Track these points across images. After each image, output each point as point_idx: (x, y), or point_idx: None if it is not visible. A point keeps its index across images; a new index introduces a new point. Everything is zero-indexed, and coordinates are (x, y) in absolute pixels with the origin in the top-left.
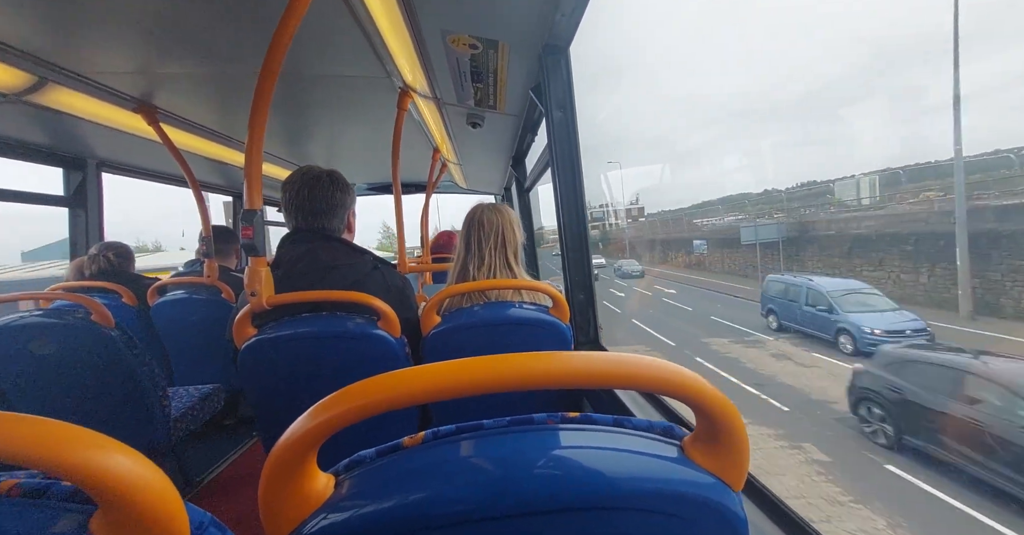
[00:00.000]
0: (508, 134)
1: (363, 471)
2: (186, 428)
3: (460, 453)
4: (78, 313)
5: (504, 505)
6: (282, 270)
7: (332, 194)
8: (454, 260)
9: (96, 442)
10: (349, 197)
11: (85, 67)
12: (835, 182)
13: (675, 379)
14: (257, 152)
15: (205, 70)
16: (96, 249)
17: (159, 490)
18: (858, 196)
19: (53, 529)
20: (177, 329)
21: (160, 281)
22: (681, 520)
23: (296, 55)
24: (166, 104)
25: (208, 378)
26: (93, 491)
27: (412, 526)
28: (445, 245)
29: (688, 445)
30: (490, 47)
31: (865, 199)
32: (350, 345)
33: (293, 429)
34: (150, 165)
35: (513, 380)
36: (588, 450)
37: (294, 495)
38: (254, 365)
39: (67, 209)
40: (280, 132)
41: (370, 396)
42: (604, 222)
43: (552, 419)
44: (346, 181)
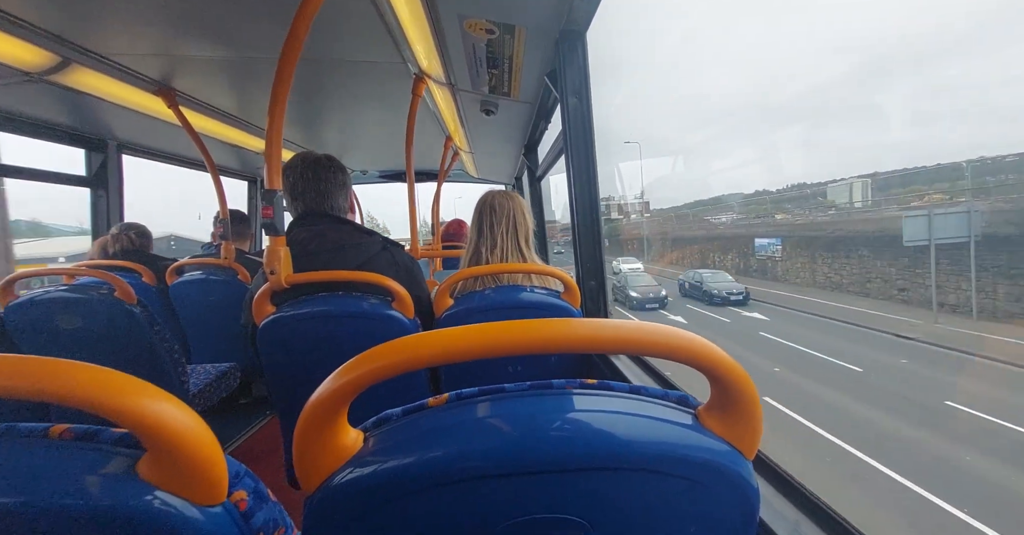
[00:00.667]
0: (521, 122)
1: (390, 428)
2: (204, 404)
3: (482, 413)
4: (102, 289)
5: (523, 462)
6: (294, 251)
7: (333, 175)
8: (466, 246)
9: (148, 391)
10: (348, 178)
11: (107, 48)
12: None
13: (690, 346)
14: (277, 134)
15: (224, 55)
16: (117, 229)
17: (203, 439)
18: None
19: (103, 470)
20: (194, 309)
21: (179, 261)
22: (695, 484)
23: (313, 41)
24: (185, 87)
25: (223, 357)
26: (144, 435)
27: (435, 480)
28: (455, 234)
29: (702, 413)
30: (507, 32)
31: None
32: (365, 325)
33: (326, 385)
34: (168, 148)
35: (531, 343)
36: (606, 414)
37: (326, 448)
38: (272, 342)
39: (88, 189)
40: (296, 117)
41: (397, 355)
42: (606, 216)
43: (571, 385)
44: (340, 163)
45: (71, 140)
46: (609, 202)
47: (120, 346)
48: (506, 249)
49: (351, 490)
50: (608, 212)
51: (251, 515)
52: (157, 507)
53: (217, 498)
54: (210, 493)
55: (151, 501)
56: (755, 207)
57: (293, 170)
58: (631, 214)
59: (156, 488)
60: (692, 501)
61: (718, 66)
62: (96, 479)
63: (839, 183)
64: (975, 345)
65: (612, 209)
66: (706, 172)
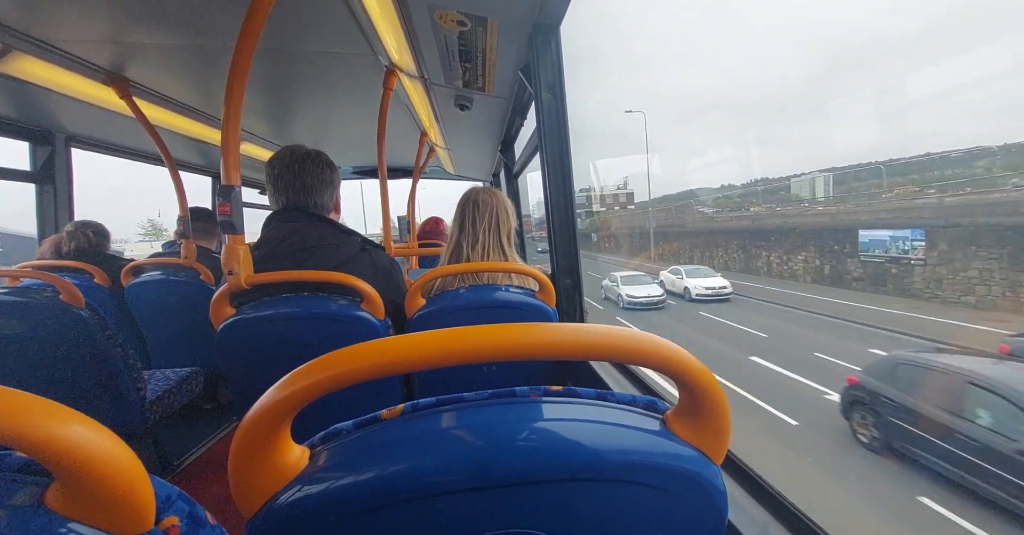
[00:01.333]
0: (497, 117)
1: (340, 443)
2: (162, 411)
3: (440, 425)
4: (46, 292)
5: (484, 476)
6: (266, 249)
7: (321, 171)
8: (446, 244)
9: (51, 411)
10: (336, 176)
11: (51, 35)
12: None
13: (659, 352)
14: (234, 126)
15: (180, 42)
16: (73, 227)
17: (120, 461)
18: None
19: (6, 502)
20: (153, 311)
21: (135, 262)
22: (663, 491)
23: (277, 29)
24: (139, 77)
25: (187, 362)
26: (48, 462)
27: (388, 498)
28: (432, 231)
29: (671, 419)
30: (479, 25)
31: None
32: (332, 326)
33: (265, 398)
34: (124, 141)
35: (495, 350)
36: (571, 423)
37: (266, 467)
38: (232, 345)
39: (34, 185)
40: (261, 111)
41: (345, 365)
42: (586, 208)
43: (535, 392)
44: (332, 161)
45: (14, 132)
46: (590, 193)
47: (68, 352)
48: (488, 246)
49: (296, 511)
50: (588, 204)
51: None
52: None
53: (142, 527)
54: (133, 521)
55: (65, 534)
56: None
57: (278, 162)
58: (614, 206)
59: (68, 520)
60: (660, 509)
61: (689, 65)
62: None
63: (802, 178)
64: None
65: (593, 201)
66: (681, 168)
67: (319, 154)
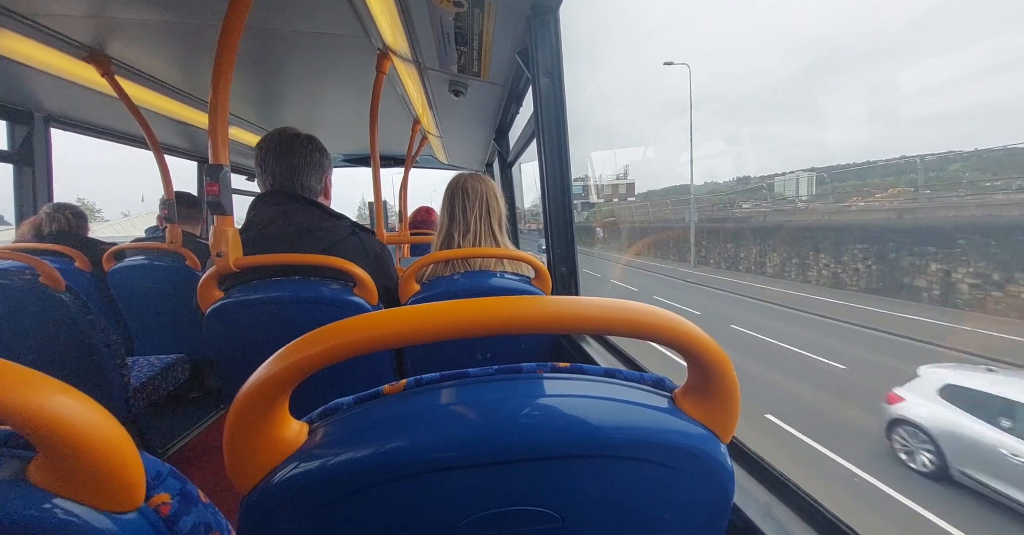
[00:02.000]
0: (492, 104)
1: (339, 418)
2: (147, 398)
3: (443, 401)
4: (25, 274)
5: (489, 452)
6: (253, 232)
7: (311, 153)
8: (436, 232)
9: (34, 381)
10: (327, 160)
11: (28, 8)
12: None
13: (669, 326)
14: (223, 105)
15: (165, 18)
16: (50, 208)
17: (108, 435)
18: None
19: None
20: (137, 297)
21: (117, 246)
22: (671, 469)
23: (265, 8)
24: (121, 54)
25: (172, 348)
26: (31, 435)
27: (390, 473)
28: (424, 221)
29: (679, 396)
30: (475, 6)
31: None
32: (324, 311)
33: (262, 371)
34: (106, 122)
35: (497, 322)
36: (578, 399)
37: (263, 442)
38: (220, 329)
39: (11, 166)
40: (249, 93)
41: (343, 337)
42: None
43: (541, 368)
44: (323, 145)
45: None
46: (586, 182)
47: (48, 336)
48: (479, 233)
49: (293, 487)
50: (585, 195)
51: (176, 520)
52: (57, 516)
53: (132, 503)
54: (122, 498)
55: (49, 509)
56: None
57: (267, 143)
58: (612, 197)
59: (53, 495)
60: (667, 487)
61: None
62: None
63: (786, 177)
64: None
65: (590, 192)
66: (667, 164)
67: (310, 138)
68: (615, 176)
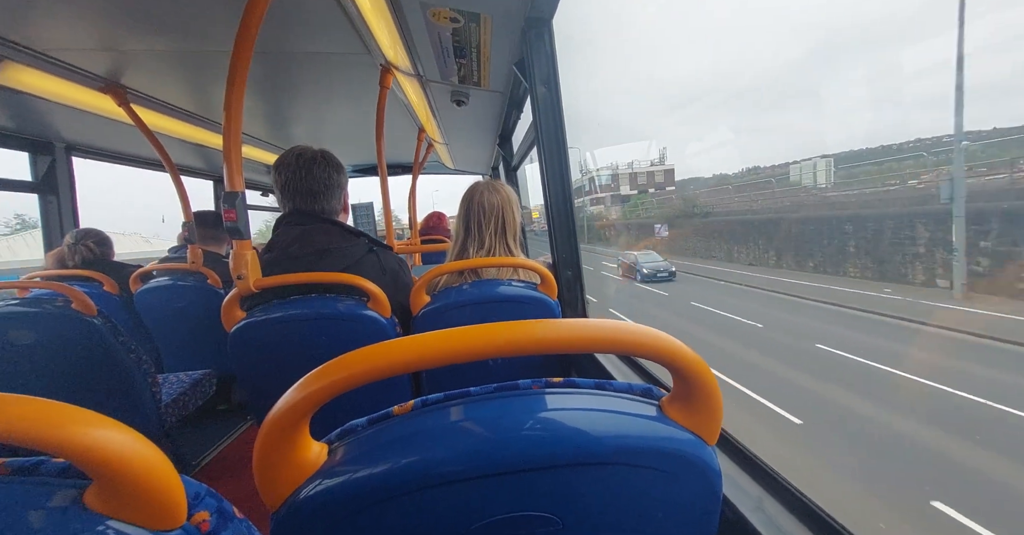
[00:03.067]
0: (494, 112)
1: (355, 438)
2: (178, 414)
3: (449, 418)
4: (57, 301)
5: (492, 464)
6: (275, 253)
7: (328, 175)
8: (452, 240)
9: (85, 418)
10: (344, 177)
11: (45, 44)
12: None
13: (652, 342)
14: (236, 132)
15: (175, 48)
16: (72, 238)
17: (153, 462)
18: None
19: (48, 504)
20: (163, 316)
21: (142, 268)
22: (661, 473)
23: (271, 32)
24: (136, 84)
25: (198, 364)
26: (86, 466)
27: (404, 487)
28: (434, 227)
29: (666, 404)
30: (472, 20)
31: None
32: (341, 326)
33: (285, 399)
34: (124, 149)
35: (497, 347)
36: (572, 412)
37: (288, 463)
38: (245, 347)
39: (37, 196)
40: (259, 113)
41: (357, 366)
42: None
43: (537, 384)
44: (339, 161)
45: (12, 143)
46: (615, 171)
47: (82, 360)
48: (494, 249)
49: (318, 503)
50: (616, 185)
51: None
52: None
53: (176, 522)
54: (167, 517)
55: (103, 531)
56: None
57: (285, 167)
58: (648, 187)
59: (107, 518)
60: (658, 489)
61: (682, 51)
62: (40, 514)
63: (800, 163)
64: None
65: (620, 181)
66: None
67: (325, 157)
68: (649, 163)
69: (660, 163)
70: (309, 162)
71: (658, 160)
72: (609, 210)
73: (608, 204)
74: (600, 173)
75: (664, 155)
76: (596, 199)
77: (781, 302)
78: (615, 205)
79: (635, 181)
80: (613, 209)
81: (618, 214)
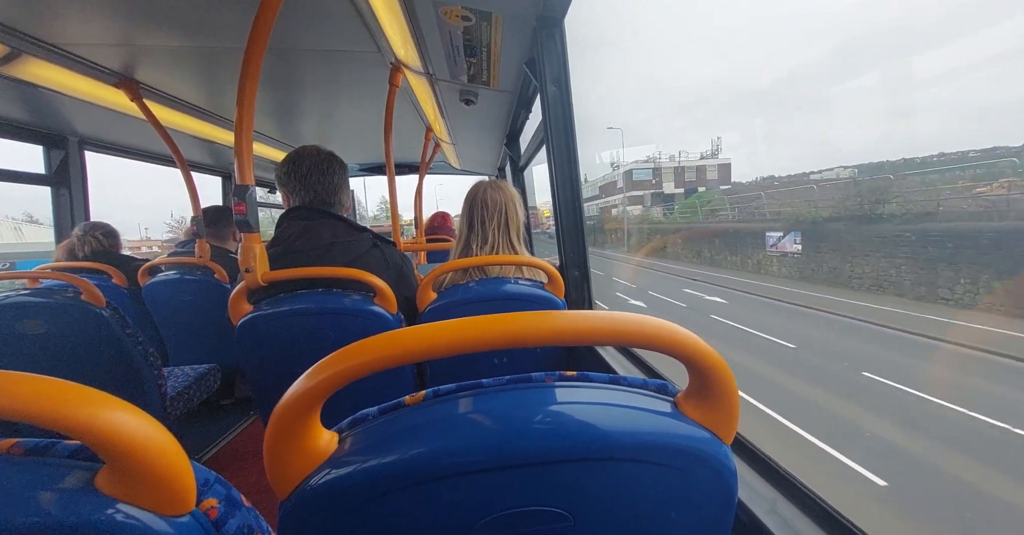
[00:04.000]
0: (502, 111)
1: (366, 428)
2: (183, 407)
3: (461, 410)
4: (67, 292)
5: (503, 457)
6: (281, 247)
7: (333, 172)
8: (456, 238)
9: (100, 400)
10: (346, 175)
11: (61, 38)
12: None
13: (669, 336)
14: (248, 128)
15: (188, 44)
16: (81, 230)
17: (165, 447)
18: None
19: (59, 485)
20: (170, 310)
21: (151, 262)
22: (675, 471)
23: (283, 29)
24: (149, 79)
25: (203, 358)
26: (100, 448)
27: (414, 478)
28: (440, 227)
29: (681, 401)
30: (483, 19)
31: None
32: (347, 321)
33: (296, 387)
34: (135, 143)
35: (509, 337)
36: (585, 405)
37: (299, 451)
38: (251, 341)
39: (49, 189)
40: (268, 110)
41: (368, 355)
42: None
43: (550, 377)
44: (342, 160)
45: (27, 136)
46: (657, 164)
47: (91, 351)
48: (497, 245)
49: (327, 492)
50: (656, 182)
51: (223, 523)
52: (120, 520)
53: (185, 508)
54: (177, 503)
55: (113, 515)
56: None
57: (291, 164)
58: (699, 186)
59: (118, 501)
60: (672, 487)
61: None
62: (52, 495)
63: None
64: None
65: (663, 177)
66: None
67: (328, 158)
68: (699, 155)
69: (712, 156)
70: (314, 160)
71: (709, 153)
72: (648, 211)
73: (647, 205)
74: (636, 168)
75: (718, 147)
76: (633, 198)
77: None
78: (656, 205)
79: (681, 177)
80: (654, 210)
81: (662, 215)
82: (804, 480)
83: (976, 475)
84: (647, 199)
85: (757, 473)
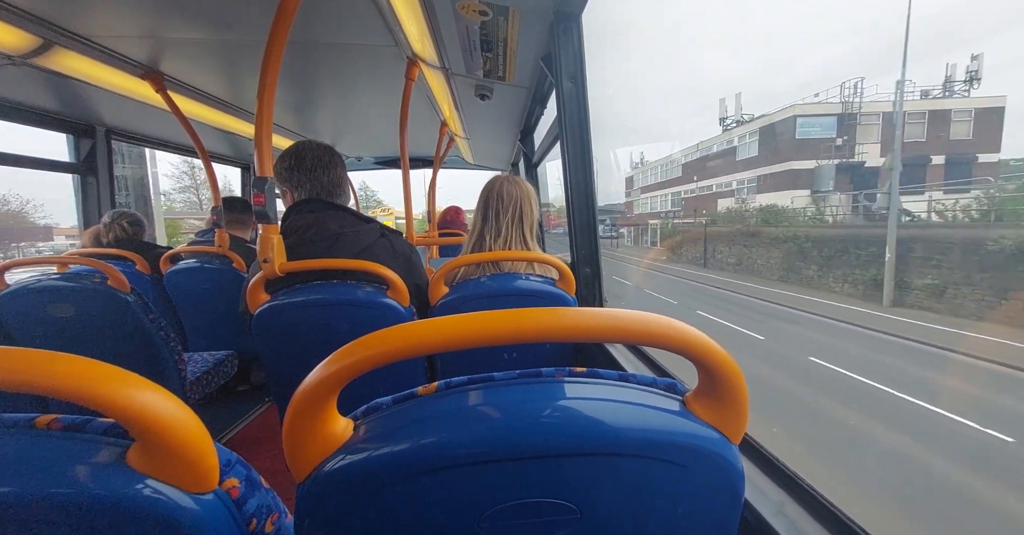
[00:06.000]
0: (517, 106)
1: (380, 416)
2: (201, 392)
3: (471, 402)
4: (95, 278)
5: (512, 448)
6: (292, 238)
7: (335, 165)
8: (469, 232)
9: (132, 381)
10: (345, 170)
11: (91, 30)
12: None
13: (679, 335)
14: (267, 120)
15: (213, 37)
16: (109, 218)
17: (191, 427)
18: None
19: (92, 460)
20: (189, 297)
21: (172, 250)
22: (683, 468)
23: (303, 23)
24: (173, 71)
25: (221, 345)
26: (132, 426)
27: (425, 466)
28: (452, 221)
29: (690, 400)
30: (500, 14)
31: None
32: (360, 312)
33: (315, 374)
34: (159, 134)
35: (520, 333)
36: (594, 401)
37: (316, 436)
38: (267, 329)
39: (78, 176)
40: (286, 102)
41: (386, 345)
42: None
43: (560, 373)
44: (339, 155)
45: (57, 125)
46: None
47: (115, 335)
48: (511, 238)
49: (342, 477)
50: (847, 141)
51: (243, 502)
52: (148, 495)
53: (208, 486)
54: (201, 481)
55: (142, 489)
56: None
57: (292, 158)
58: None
59: (147, 476)
60: (679, 485)
61: (714, 51)
62: (86, 468)
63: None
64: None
65: (859, 134)
66: None
67: (328, 151)
68: (919, 94)
69: (945, 93)
70: (316, 154)
71: (941, 90)
72: (819, 203)
73: (824, 186)
74: (801, 116)
75: (972, 72)
76: (781, 176)
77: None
78: (844, 190)
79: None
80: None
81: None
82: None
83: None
84: (824, 175)
85: (764, 474)
